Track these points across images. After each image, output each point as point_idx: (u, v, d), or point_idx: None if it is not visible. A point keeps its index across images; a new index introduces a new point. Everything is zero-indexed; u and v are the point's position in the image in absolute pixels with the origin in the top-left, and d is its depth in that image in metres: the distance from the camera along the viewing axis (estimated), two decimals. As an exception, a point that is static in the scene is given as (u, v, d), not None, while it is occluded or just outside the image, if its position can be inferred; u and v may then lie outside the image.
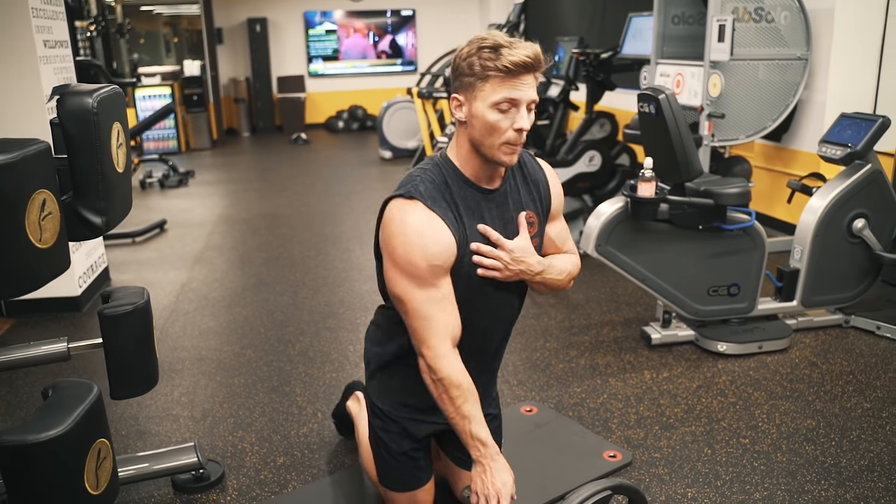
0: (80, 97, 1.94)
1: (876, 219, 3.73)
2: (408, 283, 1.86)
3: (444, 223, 1.85)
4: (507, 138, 1.81)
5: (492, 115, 1.79)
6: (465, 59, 1.79)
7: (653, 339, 3.69)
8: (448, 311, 1.89)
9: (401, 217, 1.85)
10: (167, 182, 8.44)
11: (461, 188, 1.91)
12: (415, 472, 2.23)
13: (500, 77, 1.75)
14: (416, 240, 1.82)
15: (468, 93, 1.81)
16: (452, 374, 1.88)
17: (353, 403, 2.73)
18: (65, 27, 4.38)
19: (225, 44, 12.84)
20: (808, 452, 2.75)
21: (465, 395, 1.89)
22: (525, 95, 1.78)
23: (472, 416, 1.90)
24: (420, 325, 1.89)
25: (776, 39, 4.82)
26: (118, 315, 2.24)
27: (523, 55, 1.74)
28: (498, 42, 1.75)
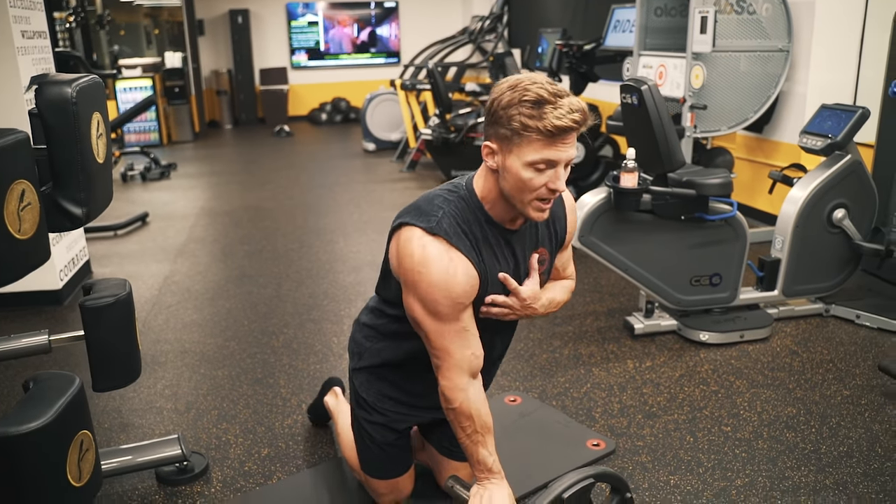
0: (59, 87, 1.92)
1: (855, 209, 3.77)
2: (430, 317, 1.84)
3: (468, 261, 1.81)
4: (538, 195, 1.75)
5: (526, 174, 1.71)
6: (504, 108, 1.68)
7: (636, 328, 3.71)
8: (468, 343, 1.88)
9: (423, 253, 1.79)
10: (149, 175, 8.38)
11: (483, 227, 1.86)
12: (397, 461, 2.26)
13: (542, 138, 1.66)
14: (440, 280, 1.78)
15: (503, 144, 1.72)
16: (467, 406, 1.89)
17: (330, 398, 2.74)
18: (43, 18, 4.33)
19: (206, 35, 12.74)
20: (789, 439, 2.78)
21: (477, 426, 1.90)
22: (565, 156, 1.70)
23: (481, 443, 1.91)
24: (439, 354, 1.88)
25: (758, 31, 4.85)
26: (99, 307, 2.22)
27: (570, 120, 1.64)
28: (541, 96, 1.64)
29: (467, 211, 1.85)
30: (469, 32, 10.54)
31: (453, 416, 1.91)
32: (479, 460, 1.92)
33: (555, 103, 1.64)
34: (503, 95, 1.69)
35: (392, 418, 2.20)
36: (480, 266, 1.85)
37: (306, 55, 13.25)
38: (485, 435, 1.92)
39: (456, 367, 1.87)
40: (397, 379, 2.16)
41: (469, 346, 1.88)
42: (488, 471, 1.93)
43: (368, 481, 2.29)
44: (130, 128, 10.57)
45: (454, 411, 1.90)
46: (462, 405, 1.88)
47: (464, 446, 1.95)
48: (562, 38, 6.65)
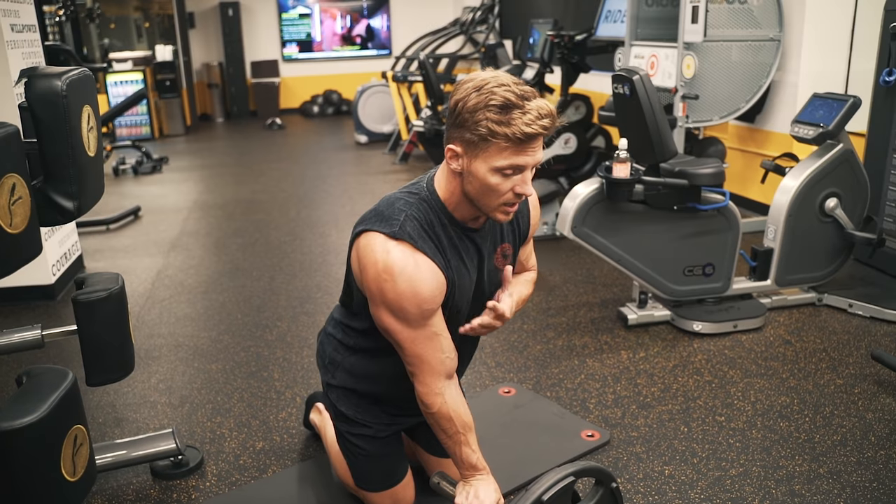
0: (49, 80, 1.91)
1: (848, 198, 3.78)
2: (398, 323, 1.81)
3: (434, 265, 1.78)
4: (504, 200, 1.72)
5: (493, 179, 1.67)
6: (470, 112, 1.63)
7: (629, 319, 3.72)
8: (441, 346, 1.85)
9: (386, 259, 1.74)
10: (141, 169, 8.34)
11: (447, 228, 1.83)
12: (390, 469, 2.21)
13: (510, 145, 1.62)
14: (407, 287, 1.74)
15: (468, 148, 1.67)
16: (446, 409, 1.88)
17: (315, 416, 2.68)
18: (32, 11, 4.29)
19: (197, 28, 12.68)
20: (783, 429, 2.79)
21: (458, 426, 1.90)
22: (533, 160, 1.67)
23: (464, 443, 1.90)
24: (413, 361, 1.86)
25: (749, 20, 4.85)
26: (92, 301, 2.22)
27: (539, 126, 1.60)
28: (509, 100, 1.59)
29: (430, 213, 1.81)
30: (460, 24, 10.52)
31: (433, 420, 1.90)
32: (463, 459, 1.92)
33: (522, 108, 1.60)
34: (469, 98, 1.63)
35: (376, 428, 2.17)
36: (447, 269, 1.82)
37: (297, 48, 13.20)
38: (466, 434, 1.91)
39: (431, 372, 1.86)
40: (375, 391, 2.14)
41: (442, 350, 1.86)
42: (473, 468, 1.92)
43: (367, 497, 2.24)
44: (122, 122, 10.52)
45: (434, 415, 1.89)
46: (441, 409, 1.88)
47: (447, 447, 1.94)
48: (553, 29, 6.64)
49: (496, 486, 1.93)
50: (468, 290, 1.94)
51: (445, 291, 1.83)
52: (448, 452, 1.96)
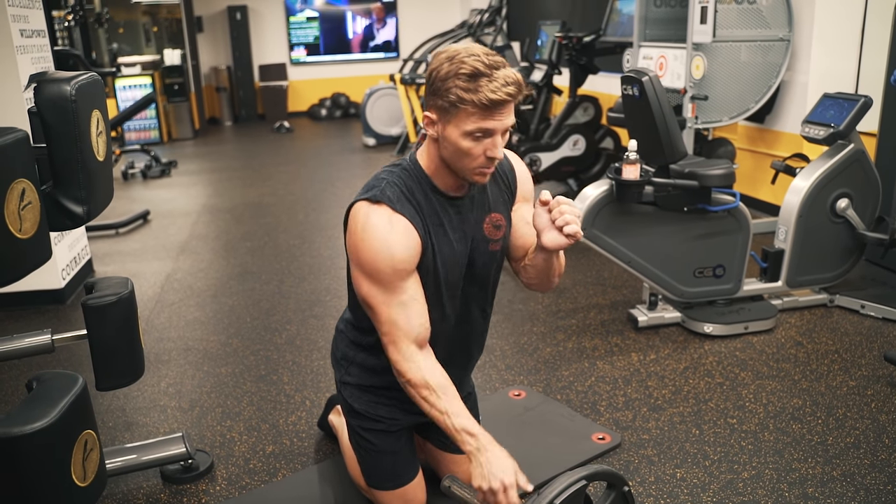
0: (58, 85, 1.91)
1: (859, 198, 3.75)
2: (374, 286, 1.85)
3: (410, 224, 1.83)
4: (478, 164, 1.78)
5: (465, 143, 1.74)
6: (441, 80, 1.71)
7: (639, 321, 3.70)
8: (415, 313, 1.87)
9: (365, 221, 1.82)
10: (150, 172, 8.37)
11: (428, 195, 1.89)
12: (401, 467, 2.20)
13: (477, 111, 1.69)
14: (381, 245, 1.80)
15: (441, 115, 1.75)
16: (420, 376, 1.86)
17: (334, 417, 2.69)
18: (42, 16, 4.31)
19: (205, 32, 12.72)
20: (795, 431, 2.77)
21: (438, 394, 1.84)
22: (501, 125, 1.73)
23: (451, 411, 1.83)
24: (386, 328, 1.87)
25: (758, 21, 4.83)
26: (102, 305, 2.22)
27: (504, 93, 1.67)
28: (476, 69, 1.67)
29: (412, 181, 1.89)
30: (468, 26, 10.51)
31: (411, 389, 1.87)
32: (456, 428, 1.81)
33: (490, 76, 1.67)
34: (441, 67, 1.72)
35: (388, 423, 2.16)
36: (424, 232, 1.87)
37: (305, 51, 13.23)
38: (450, 398, 1.84)
39: (404, 339, 1.86)
40: (387, 384, 2.11)
41: (417, 317, 1.87)
42: (470, 434, 1.80)
43: (378, 497, 2.23)
44: (130, 126, 10.56)
45: (409, 384, 1.87)
46: (414, 376, 1.85)
47: (436, 421, 1.86)
48: (561, 30, 6.63)
49: (504, 451, 1.81)
50: (455, 260, 1.94)
51: (420, 253, 1.87)
52: (438, 425, 1.87)
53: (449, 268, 1.94)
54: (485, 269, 2.04)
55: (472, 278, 2.02)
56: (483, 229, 1.99)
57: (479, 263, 2.02)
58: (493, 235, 2.00)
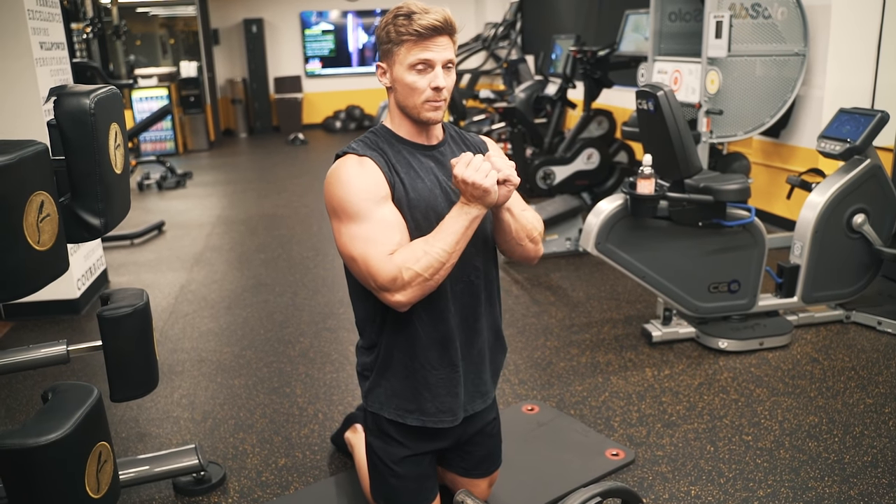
0: (78, 98, 1.93)
1: (876, 214, 3.73)
2: (345, 225, 1.86)
3: (372, 162, 1.91)
4: (426, 96, 1.89)
5: (409, 77, 1.87)
6: (383, 28, 1.90)
7: (654, 336, 3.68)
8: (391, 234, 1.83)
9: (333, 170, 1.93)
10: (165, 183, 8.43)
11: (394, 145, 1.98)
12: (419, 490, 2.16)
13: (414, 40, 1.85)
14: (346, 179, 1.88)
15: (388, 59, 1.91)
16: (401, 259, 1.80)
17: (351, 434, 2.68)
18: (61, 29, 4.36)
19: (221, 45, 12.82)
20: (811, 449, 2.74)
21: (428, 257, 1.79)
22: (438, 56, 1.86)
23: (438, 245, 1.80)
24: (362, 268, 1.83)
25: (773, 35, 4.82)
26: (118, 317, 2.23)
27: (433, 19, 1.84)
28: (410, 9, 1.85)
29: (377, 137, 2.00)
30: (482, 39, 10.56)
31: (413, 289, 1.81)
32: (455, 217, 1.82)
33: (422, 11, 1.85)
34: (384, 20, 1.91)
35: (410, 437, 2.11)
36: (389, 169, 1.92)
37: (320, 63, 13.31)
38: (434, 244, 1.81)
39: (380, 261, 1.80)
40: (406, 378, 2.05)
41: (393, 234, 1.83)
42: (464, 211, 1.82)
43: None
44: (147, 137, 10.65)
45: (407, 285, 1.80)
46: (402, 276, 1.79)
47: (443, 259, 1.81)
48: (576, 45, 6.64)
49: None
50: (433, 197, 1.93)
51: (387, 187, 1.90)
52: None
53: (426, 201, 1.92)
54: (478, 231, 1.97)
55: None
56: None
57: None
58: None
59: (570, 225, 5.21)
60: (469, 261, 2.01)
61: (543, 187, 6.14)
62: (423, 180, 1.95)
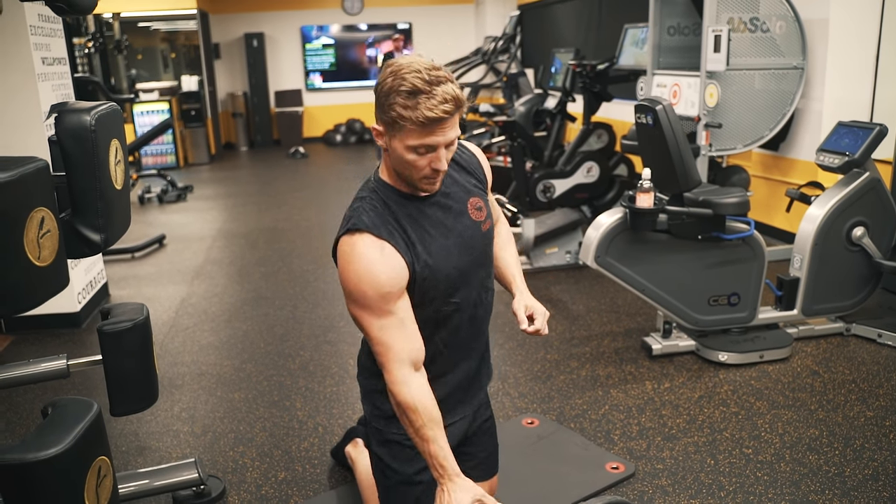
0: (78, 115, 1.94)
1: (875, 226, 3.73)
2: (364, 312, 1.87)
3: (393, 248, 1.85)
4: (424, 174, 1.82)
5: (409, 156, 1.76)
6: (384, 95, 1.74)
7: (653, 349, 3.68)
8: (406, 336, 1.88)
9: (349, 251, 1.85)
10: (166, 197, 8.44)
11: (403, 205, 1.91)
12: (422, 501, 2.18)
13: (416, 128, 1.71)
14: (364, 270, 1.82)
15: (387, 128, 1.78)
16: (410, 399, 1.87)
17: (351, 449, 2.68)
18: (63, 44, 4.39)
19: (222, 59, 12.88)
20: (812, 462, 2.74)
21: (423, 420, 1.87)
22: (443, 140, 1.75)
23: (431, 439, 1.88)
24: (379, 350, 1.89)
25: (772, 49, 4.84)
26: (118, 332, 2.23)
27: (441, 110, 1.69)
28: (416, 86, 1.68)
29: (382, 199, 1.91)
30: (482, 53, 10.60)
31: (399, 411, 1.90)
32: (432, 455, 1.88)
33: (429, 93, 1.69)
34: (385, 81, 1.74)
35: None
36: (408, 249, 1.88)
37: (321, 77, 13.36)
38: (434, 429, 1.88)
39: (396, 360, 1.87)
40: None
41: (409, 339, 1.88)
42: (441, 466, 1.87)
43: None
44: (147, 150, 10.67)
45: (399, 406, 1.89)
46: (405, 398, 1.86)
47: (417, 447, 1.92)
48: (575, 58, 6.66)
49: (471, 485, 1.87)
50: (451, 254, 1.95)
51: (409, 273, 1.88)
52: (416, 447, 1.93)
53: (446, 266, 1.95)
54: (485, 250, 2.07)
55: (476, 263, 2.03)
56: (469, 215, 2.01)
57: (479, 246, 2.04)
58: (479, 217, 2.03)
59: (570, 238, 5.21)
60: (484, 283, 2.10)
61: (543, 200, 6.14)
62: (438, 239, 1.94)
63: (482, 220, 2.04)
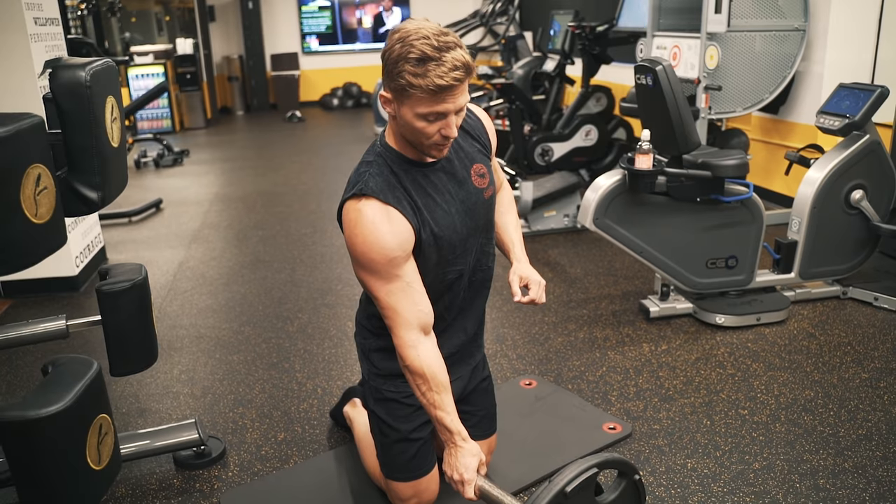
0: (73, 70, 1.92)
1: (874, 190, 3.73)
2: (372, 277, 1.88)
3: (400, 213, 1.86)
4: (433, 141, 1.80)
5: (418, 123, 1.75)
6: (392, 62, 1.71)
7: (651, 312, 3.69)
8: (414, 299, 1.90)
9: (356, 217, 1.85)
10: (162, 161, 8.40)
11: (408, 171, 1.91)
12: (419, 457, 2.20)
13: (426, 95, 1.69)
14: (372, 236, 1.82)
15: (395, 96, 1.76)
16: (418, 363, 1.89)
17: (350, 409, 2.70)
18: (55, 5, 4.32)
19: (217, 21, 12.73)
20: (807, 422, 2.76)
21: (431, 384, 1.90)
22: (453, 107, 1.73)
23: (438, 404, 1.90)
24: (388, 314, 1.91)
25: (773, 10, 4.79)
26: (116, 291, 2.23)
27: (451, 77, 1.67)
28: (425, 53, 1.65)
29: (389, 164, 1.91)
30: (480, 15, 10.48)
31: (408, 374, 1.92)
32: (439, 421, 1.92)
33: (438, 59, 1.66)
34: (393, 48, 1.71)
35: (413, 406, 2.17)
36: (415, 214, 1.89)
37: (317, 40, 13.22)
38: (440, 393, 1.91)
39: (405, 324, 1.89)
40: None
41: (416, 303, 1.90)
42: (448, 431, 1.91)
43: (391, 487, 2.24)
44: (143, 115, 10.59)
45: (407, 369, 1.91)
46: (414, 362, 1.89)
47: (424, 406, 1.94)
48: (574, 20, 6.60)
49: (477, 450, 1.92)
50: (454, 221, 1.97)
51: (415, 238, 1.89)
52: (426, 411, 1.96)
53: (449, 233, 1.97)
54: (486, 217, 2.09)
55: (477, 229, 2.06)
56: (472, 182, 2.02)
57: (481, 214, 2.06)
58: (482, 184, 2.05)
59: (568, 201, 5.20)
60: (484, 248, 2.13)
61: (541, 164, 6.13)
62: (441, 206, 1.94)
63: (485, 186, 2.05)
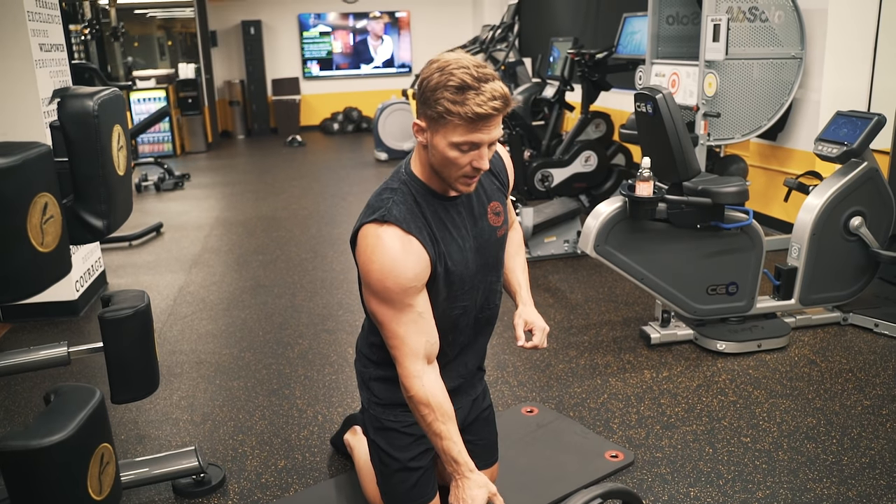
0: (81, 100, 1.93)
1: (873, 216, 3.74)
2: (383, 305, 1.87)
3: (419, 244, 1.86)
4: (464, 173, 1.81)
5: (451, 153, 1.76)
6: (430, 90, 1.73)
7: (652, 338, 3.69)
8: (422, 329, 1.89)
9: (375, 243, 1.84)
10: (163, 185, 8.42)
11: (431, 203, 1.91)
12: (420, 486, 2.18)
13: (464, 123, 1.71)
14: (391, 266, 1.82)
15: (430, 124, 1.77)
16: (423, 393, 1.88)
17: (350, 436, 2.69)
18: (60, 31, 4.36)
19: (219, 46, 12.82)
20: (810, 450, 2.75)
21: (437, 414, 1.88)
22: (487, 138, 1.75)
23: (444, 434, 1.89)
24: (395, 344, 1.90)
25: (771, 38, 4.84)
26: (119, 318, 2.23)
27: (490, 107, 1.69)
28: (464, 81, 1.68)
29: (413, 193, 1.91)
30: (480, 42, 10.54)
31: (412, 404, 1.91)
32: (444, 452, 1.90)
33: (478, 89, 1.68)
34: (431, 77, 1.74)
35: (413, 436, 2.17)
36: (433, 247, 1.89)
37: (318, 65, 13.31)
38: (446, 423, 1.90)
39: (411, 355, 1.89)
40: None
41: (424, 333, 1.89)
42: (455, 462, 1.89)
43: None
44: (144, 138, 10.64)
45: (411, 399, 1.90)
46: (418, 392, 1.88)
47: (430, 438, 1.93)
48: (573, 47, 6.65)
49: (484, 479, 1.89)
50: (465, 259, 1.97)
51: (430, 271, 1.89)
52: (431, 442, 1.95)
53: (461, 268, 1.98)
54: (497, 255, 2.10)
55: (487, 266, 2.07)
56: (488, 220, 2.04)
57: (492, 252, 2.07)
58: (496, 222, 2.07)
59: (569, 227, 5.22)
60: (493, 287, 2.13)
61: (541, 189, 6.15)
62: (457, 241, 1.95)
63: (499, 225, 2.07)
